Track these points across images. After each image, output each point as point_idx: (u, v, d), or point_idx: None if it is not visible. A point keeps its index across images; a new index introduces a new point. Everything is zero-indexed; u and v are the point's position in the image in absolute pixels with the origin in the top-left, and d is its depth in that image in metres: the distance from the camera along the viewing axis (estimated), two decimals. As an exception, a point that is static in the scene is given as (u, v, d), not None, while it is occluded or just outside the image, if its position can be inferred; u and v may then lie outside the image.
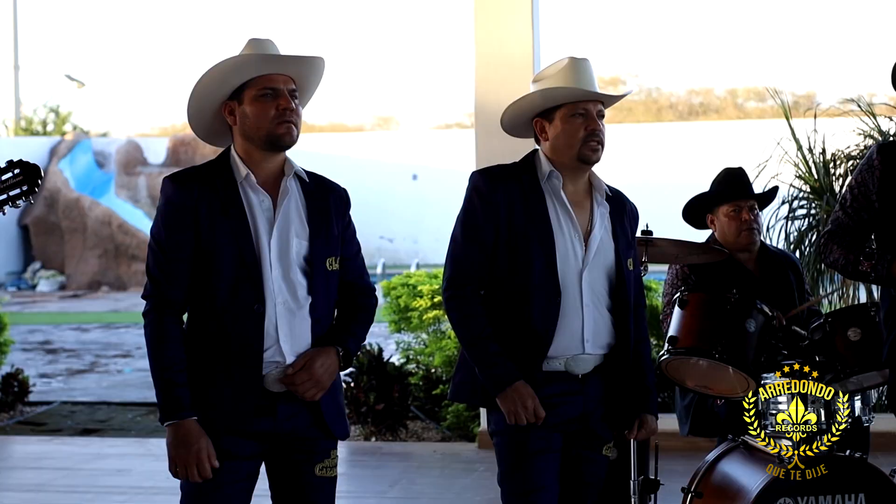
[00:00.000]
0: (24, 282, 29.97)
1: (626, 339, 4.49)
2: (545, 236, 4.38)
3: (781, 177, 9.29)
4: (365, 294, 4.35)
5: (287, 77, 4.13)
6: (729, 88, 46.45)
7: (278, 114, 4.07)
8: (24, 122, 36.78)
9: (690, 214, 6.25)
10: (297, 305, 4.09)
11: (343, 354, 4.17)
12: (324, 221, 4.19)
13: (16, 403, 11.28)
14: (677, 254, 5.85)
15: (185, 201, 4.04)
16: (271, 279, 4.05)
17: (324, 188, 4.28)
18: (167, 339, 4.05)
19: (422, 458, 8.96)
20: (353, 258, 4.33)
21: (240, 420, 4.05)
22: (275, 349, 4.05)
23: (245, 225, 4.06)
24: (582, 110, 4.44)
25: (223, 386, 4.04)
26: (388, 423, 9.67)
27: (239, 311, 4.03)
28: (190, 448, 3.97)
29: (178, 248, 4.05)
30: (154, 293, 4.08)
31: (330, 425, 4.17)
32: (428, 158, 32.12)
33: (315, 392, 4.08)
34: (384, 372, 9.71)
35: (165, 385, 4.02)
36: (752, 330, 5.23)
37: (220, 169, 4.15)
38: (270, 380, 4.06)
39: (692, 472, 5.58)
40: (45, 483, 8.34)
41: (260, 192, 4.11)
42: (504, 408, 4.33)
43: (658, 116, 43.97)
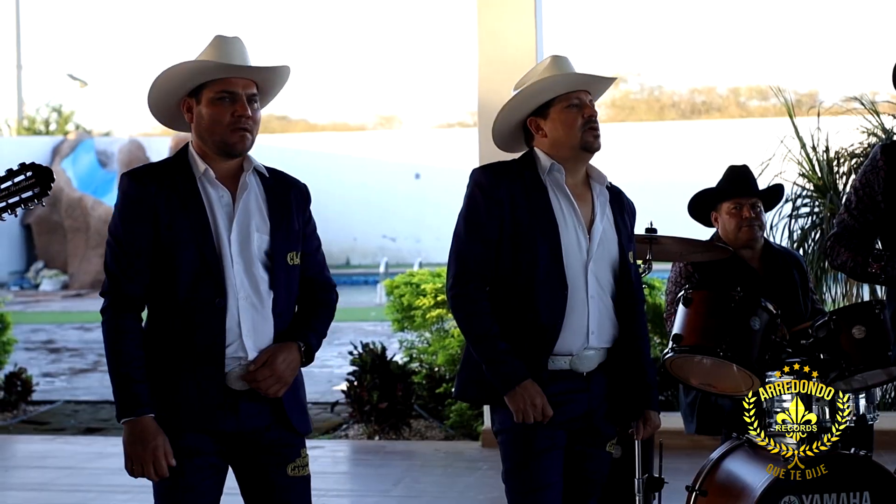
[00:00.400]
0: (27, 281, 29.98)
1: (631, 332, 4.49)
2: (550, 230, 4.37)
3: (785, 175, 9.29)
4: (325, 289, 4.32)
5: (248, 81, 4.08)
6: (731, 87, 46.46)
7: (233, 120, 4.04)
8: (27, 122, 36.80)
9: (696, 210, 6.25)
10: (260, 300, 4.07)
11: (304, 350, 4.13)
12: (284, 216, 4.17)
13: (19, 402, 11.28)
14: (681, 252, 5.84)
15: (143, 197, 4.01)
16: (233, 274, 4.02)
17: (284, 183, 4.26)
18: (124, 335, 4.01)
19: (425, 456, 8.95)
20: (314, 253, 4.30)
21: (203, 418, 4.01)
22: (237, 345, 4.02)
23: (204, 220, 4.03)
24: (576, 100, 4.45)
25: (185, 383, 4.01)
26: (392, 422, 9.66)
27: (200, 306, 4.00)
28: (146, 445, 3.93)
29: (135, 244, 4.01)
30: (111, 289, 4.05)
31: (293, 422, 4.13)
32: (430, 157, 32.12)
33: (278, 388, 4.04)
34: (387, 370, 9.70)
35: (122, 381, 3.98)
36: (757, 328, 5.22)
37: (178, 165, 4.12)
38: (233, 377, 4.03)
39: (696, 470, 5.56)
40: (49, 482, 8.33)
41: (219, 186, 4.08)
42: (513, 406, 4.32)
43: (660, 115, 43.96)
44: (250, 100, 4.07)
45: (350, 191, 31.36)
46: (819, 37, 52.44)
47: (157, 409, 3.99)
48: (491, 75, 8.79)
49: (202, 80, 4.06)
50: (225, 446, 4.08)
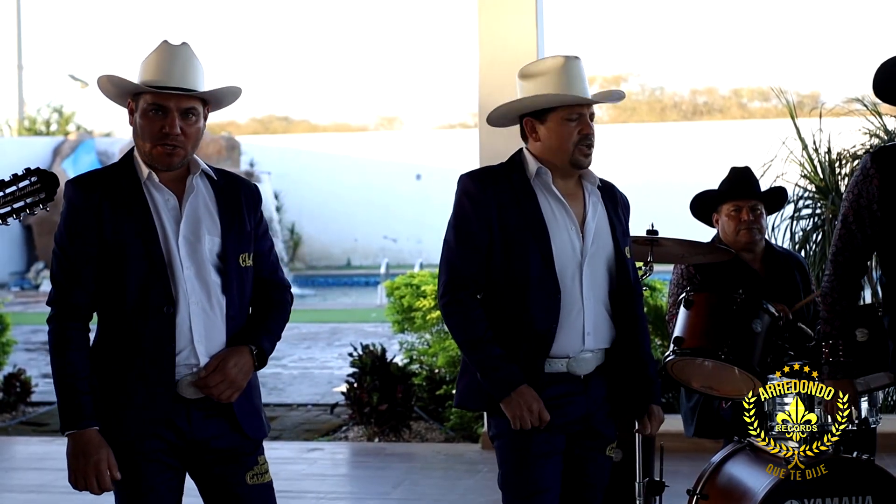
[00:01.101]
0: (28, 282, 29.92)
1: (630, 331, 4.44)
2: (540, 233, 4.33)
3: (787, 176, 9.27)
4: (279, 290, 4.28)
5: (182, 96, 4.00)
6: (733, 88, 46.42)
7: (160, 136, 3.99)
8: (28, 122, 36.74)
9: (697, 211, 6.22)
10: (211, 305, 4.02)
11: (257, 353, 4.09)
12: (235, 217, 4.12)
13: (18, 404, 11.24)
14: (683, 254, 5.81)
15: (88, 204, 3.98)
16: (184, 279, 3.98)
17: (234, 184, 4.21)
18: (70, 346, 3.97)
19: (425, 458, 8.92)
20: (267, 254, 4.26)
21: (154, 427, 3.97)
22: (189, 351, 3.98)
23: (150, 224, 3.99)
24: (576, 115, 4.39)
25: (137, 390, 3.96)
26: (392, 424, 9.63)
27: (149, 313, 3.95)
28: (89, 459, 3.89)
29: (81, 252, 3.98)
30: (58, 299, 4.02)
31: (245, 428, 4.08)
32: (432, 158, 32.07)
33: (230, 393, 4.00)
34: (387, 372, 9.67)
35: (66, 393, 3.94)
36: (759, 330, 5.19)
37: (123, 170, 4.07)
38: (184, 385, 3.99)
39: (697, 473, 5.53)
40: (47, 484, 8.29)
41: (164, 190, 4.04)
42: (509, 413, 4.28)
43: (662, 116, 43.94)
44: (185, 113, 4.01)
45: (351, 191, 31.32)
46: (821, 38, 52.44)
47: (109, 417, 3.94)
48: (491, 76, 8.76)
49: (133, 87, 4.03)
50: (180, 453, 4.04)
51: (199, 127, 4.07)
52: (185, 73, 4.01)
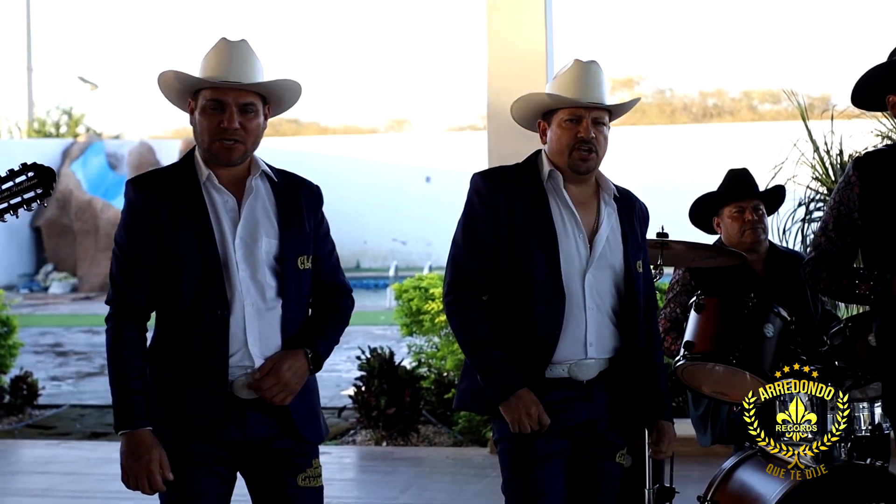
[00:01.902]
0: (37, 284, 29.95)
1: (634, 344, 4.38)
2: (548, 238, 4.28)
3: (798, 179, 9.20)
4: (339, 294, 4.24)
5: (240, 91, 3.99)
6: (743, 90, 46.36)
7: (218, 131, 3.96)
8: (37, 124, 36.76)
9: (697, 217, 6.15)
10: (266, 307, 3.99)
11: (312, 357, 4.04)
12: (294, 219, 4.09)
13: (24, 407, 11.20)
14: (692, 257, 5.73)
15: (147, 204, 3.96)
16: (238, 281, 3.95)
17: (294, 185, 4.17)
18: (125, 345, 3.96)
19: (433, 463, 8.87)
20: (327, 257, 4.21)
21: (207, 428, 3.94)
22: (243, 353, 3.95)
23: (208, 226, 3.96)
24: (574, 117, 4.32)
25: (190, 393, 3.94)
26: (400, 428, 9.58)
27: (203, 315, 3.94)
28: (141, 459, 3.86)
29: (139, 253, 3.96)
30: (116, 299, 4.00)
31: (301, 431, 4.04)
32: (441, 160, 32.06)
33: (283, 396, 3.96)
34: (395, 376, 9.62)
35: (121, 392, 3.93)
36: (770, 335, 5.13)
37: (183, 171, 4.06)
38: (238, 386, 3.96)
39: (708, 479, 5.47)
40: (52, 488, 8.25)
41: (223, 192, 4.02)
42: (507, 416, 4.23)
43: (672, 119, 43.88)
44: (244, 109, 3.98)
45: (361, 194, 31.32)
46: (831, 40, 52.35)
47: (163, 419, 3.93)
48: (500, 77, 8.71)
49: (192, 88, 4.02)
50: (232, 456, 4.01)
51: (259, 123, 4.03)
52: (243, 68, 3.99)
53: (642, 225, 4.52)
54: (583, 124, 4.31)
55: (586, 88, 4.33)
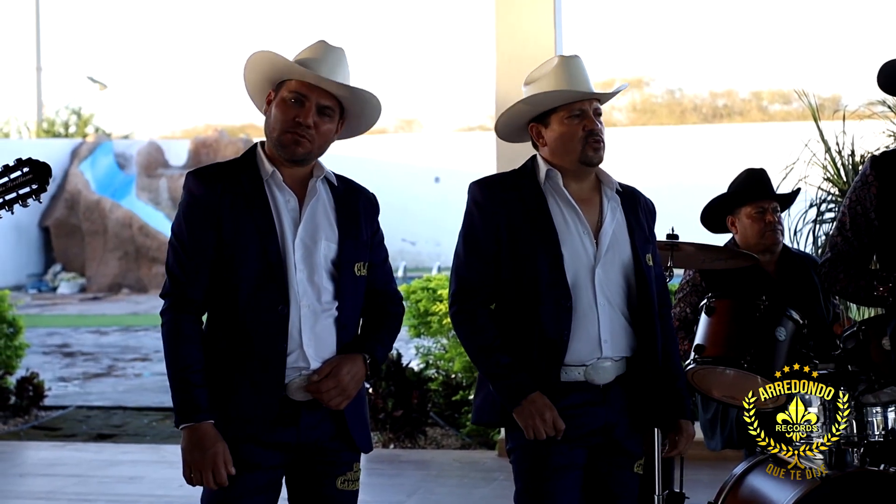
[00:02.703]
0: (45, 284, 29.95)
1: (651, 341, 4.29)
2: (549, 239, 4.21)
3: (809, 179, 9.12)
4: (393, 302, 4.20)
5: (323, 92, 3.96)
6: (753, 91, 46.29)
7: (292, 123, 3.93)
8: (46, 124, 36.80)
9: (709, 217, 6.07)
10: (322, 309, 3.93)
11: (371, 362, 3.99)
12: (353, 225, 4.06)
13: (30, 408, 11.16)
14: (704, 258, 5.65)
15: (209, 197, 3.91)
16: (296, 281, 3.89)
17: (353, 192, 4.15)
18: (185, 338, 3.89)
19: (441, 466, 8.80)
20: (382, 265, 4.18)
21: (261, 429, 3.88)
22: (298, 354, 3.89)
23: (270, 223, 3.91)
24: (578, 111, 4.27)
25: (244, 392, 3.88)
26: (407, 430, 9.51)
27: (262, 311, 3.87)
28: (205, 452, 3.80)
29: (199, 246, 3.90)
30: (173, 291, 3.93)
31: (354, 437, 4.00)
32: (450, 161, 32.03)
33: (340, 401, 3.90)
34: (403, 378, 9.55)
35: (182, 386, 3.85)
36: (783, 338, 5.05)
37: (245, 166, 4.01)
38: (294, 387, 3.90)
39: (717, 483, 5.39)
40: (56, 490, 8.20)
41: (286, 190, 3.97)
42: (521, 422, 4.15)
43: (681, 119, 43.81)
44: (321, 111, 3.96)
45: (370, 194, 31.29)
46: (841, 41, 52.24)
47: (215, 418, 3.86)
48: (509, 75, 8.63)
49: (279, 76, 3.98)
50: (283, 458, 3.95)
51: (332, 129, 4.01)
52: (336, 70, 3.98)
53: (649, 219, 4.45)
54: (588, 116, 4.26)
55: (582, 81, 4.31)
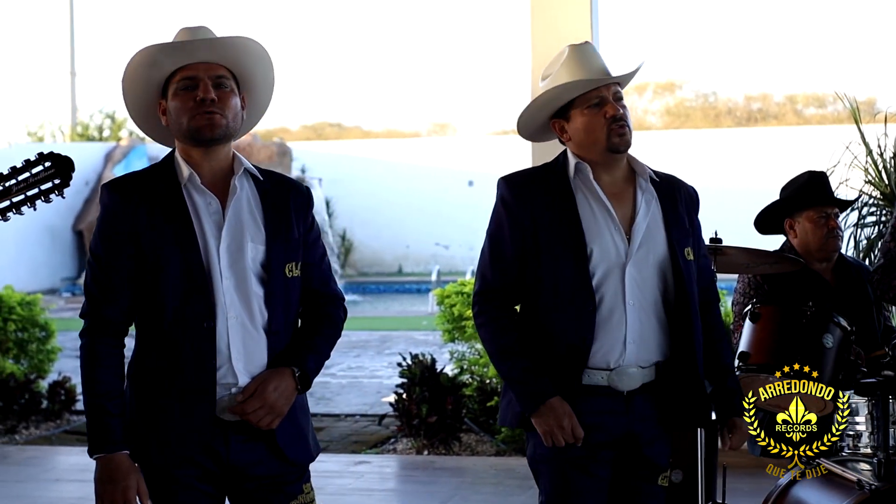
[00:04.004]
0: (79, 287, 29.93)
1: (688, 343, 4.11)
2: (575, 238, 4.06)
3: (850, 182, 9.00)
4: (331, 303, 3.98)
5: (211, 65, 3.77)
6: (787, 94, 46.01)
7: (195, 105, 3.72)
8: (80, 128, 36.88)
9: (766, 219, 5.91)
10: (251, 319, 3.73)
11: (300, 375, 3.79)
12: (282, 223, 3.82)
13: (62, 412, 11.09)
14: (748, 263, 5.51)
15: (124, 209, 3.71)
16: (222, 291, 3.69)
17: (282, 186, 3.91)
18: (100, 363, 3.71)
19: (476, 473, 8.67)
20: (318, 263, 3.95)
21: (191, 452, 3.71)
22: (227, 368, 3.70)
23: (190, 231, 3.70)
24: (596, 99, 4.12)
25: (174, 412, 3.70)
26: (441, 437, 9.39)
27: (188, 328, 3.68)
28: (117, 485, 3.63)
29: (116, 262, 3.72)
30: (91, 311, 3.75)
31: (287, 454, 3.80)
32: (484, 164, 31.89)
33: (270, 420, 3.72)
34: (437, 383, 9.43)
35: (96, 413, 3.69)
36: (830, 346, 4.92)
37: (162, 172, 3.80)
38: (221, 408, 3.71)
39: (758, 492, 5.27)
40: (86, 496, 8.01)
41: (206, 193, 3.76)
42: (539, 428, 4.03)
43: (716, 122, 43.58)
44: (218, 83, 3.75)
45: (403, 198, 31.19)
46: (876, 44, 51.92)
47: (146, 440, 3.70)
48: (545, 78, 8.53)
49: (162, 72, 3.78)
50: (218, 482, 3.78)
51: (235, 99, 3.80)
52: (211, 43, 3.78)
53: (690, 209, 4.28)
54: (608, 101, 4.11)
55: (596, 67, 4.15)
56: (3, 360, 10.89)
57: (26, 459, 9.54)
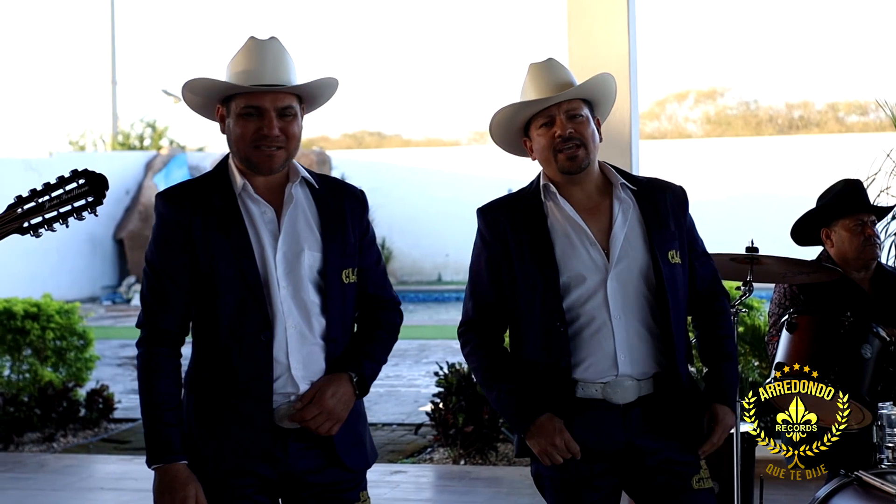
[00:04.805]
0: (119, 296, 30.09)
1: (669, 351, 4.01)
2: (546, 262, 4.00)
3: (891, 190, 8.91)
4: (387, 308, 3.98)
5: (277, 95, 3.72)
6: (829, 102, 45.74)
7: (256, 138, 3.69)
8: (122, 137, 37.05)
9: (801, 229, 5.84)
10: (309, 327, 3.73)
11: (357, 380, 3.77)
12: (338, 229, 3.81)
13: (100, 420, 11.12)
14: (784, 272, 5.44)
15: (179, 219, 3.70)
16: (279, 300, 3.68)
17: (337, 191, 3.89)
18: (157, 374, 3.70)
19: (512, 483, 8.61)
20: (374, 268, 3.93)
21: (248, 461, 3.69)
22: (286, 378, 3.70)
23: (246, 241, 3.69)
24: (546, 118, 4.06)
25: (230, 423, 3.69)
26: (478, 446, 9.34)
27: (245, 340, 3.67)
28: (175, 495, 3.63)
29: (171, 272, 3.70)
30: (147, 322, 3.74)
31: (345, 460, 3.78)
32: (524, 173, 31.75)
33: (329, 426, 3.71)
34: (474, 392, 9.39)
35: (153, 424, 3.67)
36: (868, 356, 4.85)
37: (216, 181, 3.79)
38: (280, 416, 3.70)
39: (795, 502, 5.18)
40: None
41: (260, 202, 3.75)
42: (534, 449, 3.97)
43: (757, 130, 43.37)
44: (282, 113, 3.71)
45: (443, 206, 31.17)
46: (920, 51, 51.55)
47: (202, 451, 3.68)
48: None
49: (230, 92, 3.74)
50: (275, 492, 3.76)
51: (299, 126, 3.77)
52: (277, 68, 3.73)
53: (677, 210, 4.17)
54: (557, 123, 4.04)
55: (547, 86, 4.08)
56: (42, 368, 10.92)
57: (63, 468, 9.55)
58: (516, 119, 4.13)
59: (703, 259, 4.23)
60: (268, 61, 3.73)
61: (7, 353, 10.97)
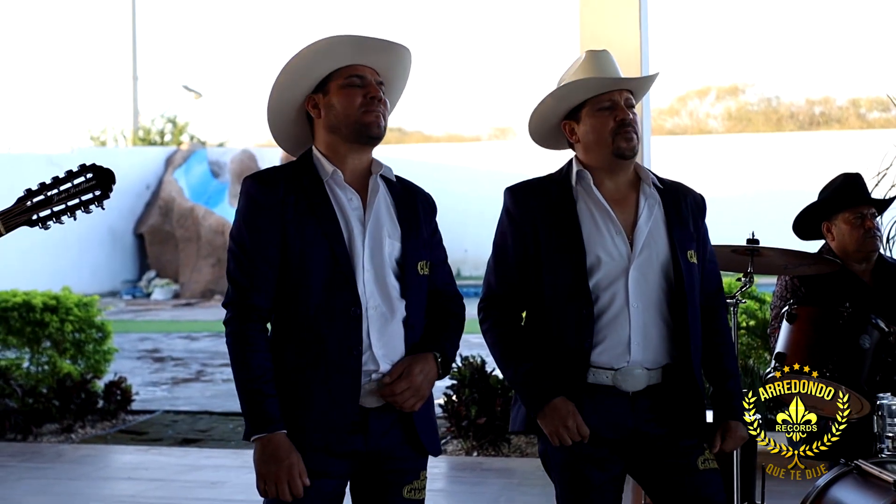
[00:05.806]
0: (139, 290, 30.25)
1: (684, 344, 4.12)
2: (574, 245, 4.10)
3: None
4: (454, 302, 4.09)
5: (373, 70, 3.90)
6: (850, 98, 45.65)
7: (365, 102, 3.84)
8: (142, 132, 37.21)
9: (803, 223, 5.90)
10: (391, 310, 3.82)
11: (441, 360, 3.89)
12: (414, 223, 3.95)
13: (118, 412, 11.22)
14: (785, 264, 5.51)
15: (271, 199, 3.79)
16: (363, 282, 3.79)
17: (410, 191, 4.06)
18: (253, 347, 3.75)
19: (524, 474, 8.70)
20: (442, 265, 4.07)
21: (332, 438, 3.76)
22: (368, 356, 3.78)
23: (335, 224, 3.80)
24: (608, 102, 4.17)
25: (318, 400, 3.75)
26: (490, 438, 9.42)
27: (335, 316, 3.75)
28: (281, 463, 3.67)
29: (264, 250, 3.78)
30: (237, 300, 3.80)
31: (423, 441, 3.89)
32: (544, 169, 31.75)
33: (415, 402, 3.80)
34: (486, 384, 9.46)
35: (252, 397, 3.72)
36: (867, 347, 4.91)
37: (303, 168, 3.90)
38: (364, 392, 3.78)
39: (798, 494, 5.24)
40: (138, 494, 8.22)
41: (348, 189, 3.87)
42: (545, 429, 4.06)
43: (778, 126, 43.31)
44: (379, 86, 3.89)
45: (463, 202, 31.23)
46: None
47: (288, 425, 3.76)
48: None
49: (332, 66, 3.87)
50: (351, 466, 3.84)
51: (387, 103, 3.96)
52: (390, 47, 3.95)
53: (696, 214, 4.29)
54: (619, 107, 4.16)
55: (611, 72, 4.21)
56: (61, 361, 11.03)
57: (81, 458, 9.66)
58: (572, 99, 4.22)
59: (711, 267, 4.34)
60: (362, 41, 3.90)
61: (26, 345, 11.08)
